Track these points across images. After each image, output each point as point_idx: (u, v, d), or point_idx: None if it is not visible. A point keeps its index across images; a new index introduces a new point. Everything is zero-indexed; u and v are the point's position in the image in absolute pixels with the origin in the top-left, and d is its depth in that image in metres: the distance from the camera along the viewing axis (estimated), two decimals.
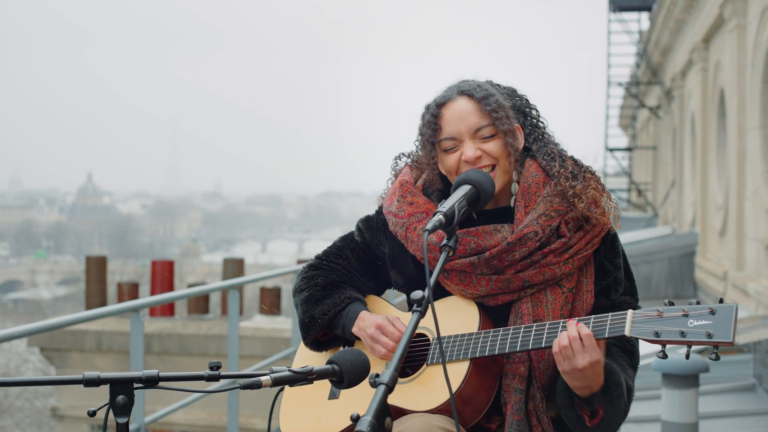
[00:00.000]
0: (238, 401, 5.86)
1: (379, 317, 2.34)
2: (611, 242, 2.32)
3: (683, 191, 15.79)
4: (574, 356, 2.05)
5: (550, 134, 2.40)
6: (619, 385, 2.16)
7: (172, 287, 11.78)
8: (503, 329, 2.19)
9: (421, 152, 2.39)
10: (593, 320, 2.09)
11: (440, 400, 2.18)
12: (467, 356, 2.19)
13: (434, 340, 2.28)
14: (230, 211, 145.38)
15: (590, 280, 2.28)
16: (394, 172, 2.51)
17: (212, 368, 1.85)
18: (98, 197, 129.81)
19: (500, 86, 2.40)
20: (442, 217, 2.03)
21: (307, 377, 1.86)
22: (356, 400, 2.30)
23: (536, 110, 2.41)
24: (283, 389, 1.92)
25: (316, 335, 2.43)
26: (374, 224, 2.48)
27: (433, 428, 2.11)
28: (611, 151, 22.46)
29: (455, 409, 1.90)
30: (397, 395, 2.21)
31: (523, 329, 2.16)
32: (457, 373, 2.18)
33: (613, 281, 2.30)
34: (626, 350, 2.29)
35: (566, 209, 2.27)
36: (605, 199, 2.31)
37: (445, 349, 2.23)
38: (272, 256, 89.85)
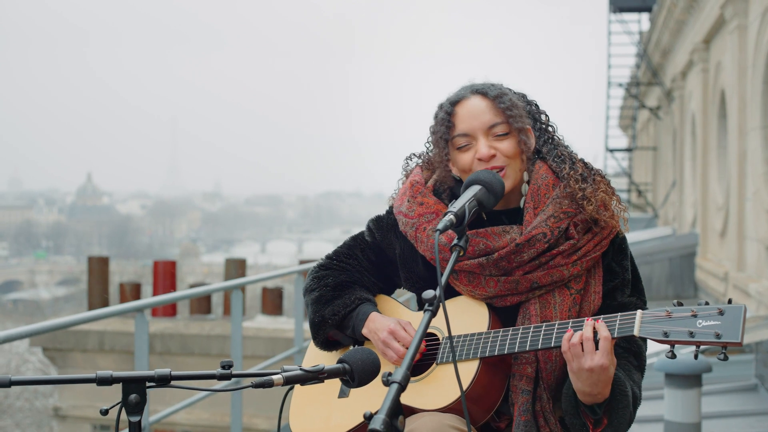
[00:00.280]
0: (241, 401, 5.87)
1: (390, 321, 2.35)
2: (619, 244, 2.34)
3: (683, 192, 15.80)
4: (583, 356, 2.06)
5: (559, 138, 2.41)
6: (625, 395, 2.17)
7: (174, 287, 11.79)
8: (513, 329, 2.20)
9: (433, 150, 2.40)
10: (602, 320, 2.09)
11: (450, 398, 2.19)
12: (477, 355, 2.20)
13: (444, 339, 2.29)
14: (230, 211, 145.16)
15: (598, 281, 2.29)
16: (404, 172, 2.53)
17: (224, 367, 1.86)
18: (98, 197, 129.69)
19: (511, 90, 2.41)
20: (453, 217, 2.03)
21: (318, 376, 1.87)
22: (366, 398, 2.32)
23: (546, 115, 2.42)
24: (292, 388, 1.93)
25: (326, 335, 2.44)
26: (385, 224, 2.49)
27: (444, 427, 2.12)
28: (611, 151, 22.49)
29: (466, 407, 1.91)
30: (406, 394, 2.21)
31: (532, 329, 2.17)
32: (467, 372, 2.19)
33: (620, 283, 2.32)
34: (633, 352, 2.29)
35: (575, 211, 2.28)
36: (614, 201, 2.33)
37: (455, 348, 2.24)
38: (272, 256, 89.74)
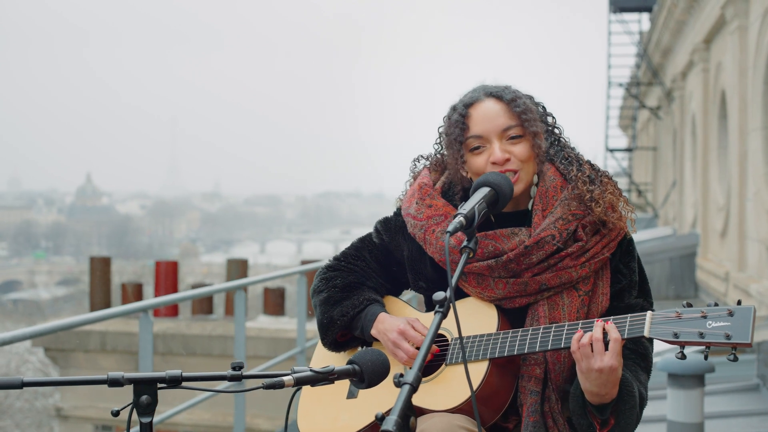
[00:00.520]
0: (244, 402, 5.88)
1: (400, 321, 2.35)
2: (627, 246, 2.34)
3: (684, 192, 15.81)
4: (593, 357, 2.07)
5: (566, 139, 2.42)
6: (632, 396, 2.18)
7: (176, 288, 11.81)
8: (522, 330, 2.21)
9: (446, 152, 2.40)
10: (612, 321, 2.10)
11: (460, 399, 2.20)
12: (486, 356, 2.21)
13: (453, 340, 2.30)
14: (229, 211, 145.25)
15: (606, 283, 2.30)
16: (412, 174, 2.53)
17: (235, 368, 1.86)
18: (97, 198, 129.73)
19: (523, 93, 2.41)
20: (463, 219, 2.03)
21: (328, 377, 1.88)
22: (375, 399, 2.33)
23: (553, 117, 2.43)
24: (299, 389, 1.93)
25: (334, 336, 2.45)
26: (393, 226, 2.50)
27: (454, 427, 2.13)
28: (611, 151, 22.51)
29: (476, 407, 1.92)
30: (416, 395, 2.22)
31: (542, 330, 2.18)
32: (476, 373, 2.20)
33: (627, 284, 2.32)
34: (639, 353, 2.30)
35: (583, 213, 2.29)
36: (622, 203, 2.33)
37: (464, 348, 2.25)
38: (271, 256, 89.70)
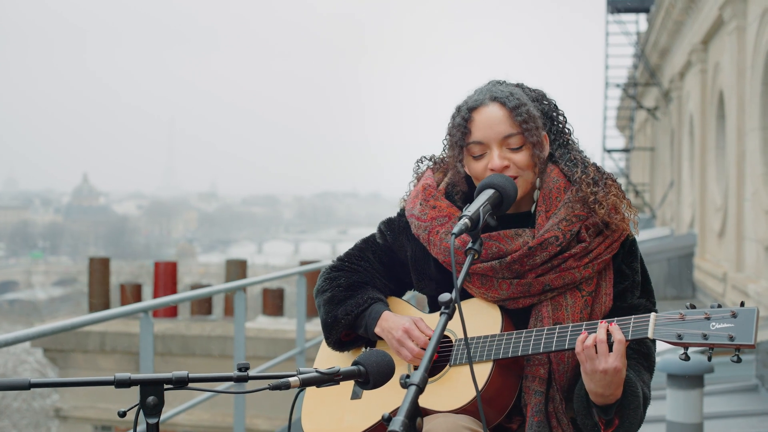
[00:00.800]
0: (244, 402, 5.88)
1: (405, 319, 2.36)
2: (630, 247, 2.35)
3: (681, 192, 15.84)
4: (597, 358, 2.08)
5: (574, 141, 2.43)
6: (636, 396, 2.19)
7: (175, 288, 11.81)
8: (526, 331, 2.22)
9: (448, 152, 2.41)
10: (616, 322, 2.12)
11: (464, 400, 2.21)
12: (491, 357, 2.22)
13: (457, 341, 2.31)
14: (226, 211, 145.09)
15: (609, 283, 2.31)
16: (416, 175, 2.54)
17: (240, 369, 1.87)
18: (94, 198, 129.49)
19: (530, 89, 2.41)
20: (468, 220, 2.05)
21: (333, 378, 1.88)
22: (379, 399, 2.33)
23: (563, 116, 2.43)
24: (303, 390, 1.94)
25: (338, 335, 2.46)
26: (396, 227, 2.50)
27: (458, 428, 2.14)
28: (609, 152, 22.52)
29: (481, 408, 1.93)
30: (420, 396, 2.24)
31: (546, 331, 2.19)
32: (481, 373, 2.21)
33: (630, 285, 2.33)
34: (642, 353, 2.31)
35: (587, 215, 2.30)
36: (625, 205, 2.34)
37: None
38: (268, 256, 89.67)
